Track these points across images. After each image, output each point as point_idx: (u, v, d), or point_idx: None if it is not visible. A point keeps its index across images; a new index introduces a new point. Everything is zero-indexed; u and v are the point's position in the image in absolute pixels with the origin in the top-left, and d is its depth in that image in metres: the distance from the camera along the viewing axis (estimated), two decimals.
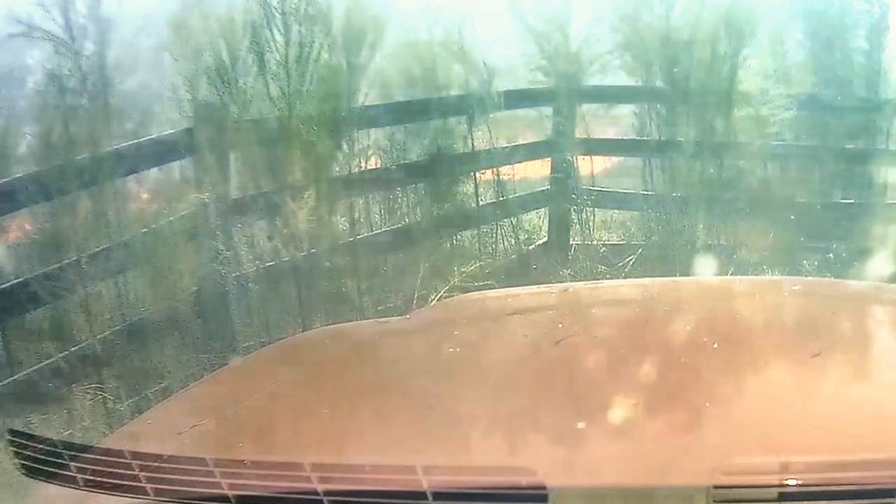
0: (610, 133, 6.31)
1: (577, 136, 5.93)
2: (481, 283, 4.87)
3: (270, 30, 4.73)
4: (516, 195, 5.93)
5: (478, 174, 5.71)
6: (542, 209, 6.14)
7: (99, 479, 1.40)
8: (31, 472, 1.47)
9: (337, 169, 5.00)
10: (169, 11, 4.70)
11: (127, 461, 1.39)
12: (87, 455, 1.48)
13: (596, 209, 6.03)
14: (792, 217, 5.75)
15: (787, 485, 1.22)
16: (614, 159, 6.64)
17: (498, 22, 5.84)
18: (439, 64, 5.45)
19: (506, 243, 5.85)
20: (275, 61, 4.74)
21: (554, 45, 5.79)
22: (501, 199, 5.79)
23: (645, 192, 5.92)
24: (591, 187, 5.98)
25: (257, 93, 4.74)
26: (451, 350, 1.92)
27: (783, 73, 5.90)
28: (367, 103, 5.13)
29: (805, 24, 5.89)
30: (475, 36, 5.60)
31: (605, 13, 5.83)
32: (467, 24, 5.56)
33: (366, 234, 5.27)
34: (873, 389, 1.54)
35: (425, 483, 1.25)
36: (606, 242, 5.95)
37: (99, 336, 4.22)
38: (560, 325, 2.07)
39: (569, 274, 5.31)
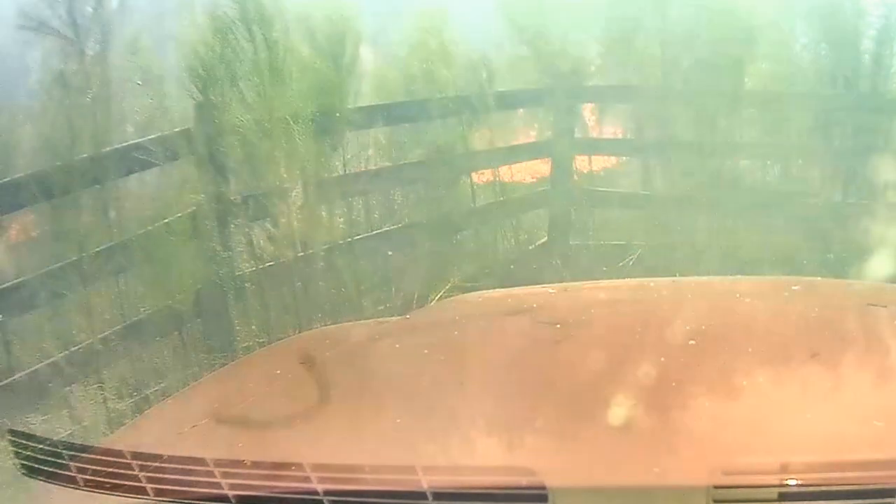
0: (609, 133, 6.32)
1: (577, 136, 5.94)
2: (481, 283, 4.86)
3: (273, 31, 4.73)
4: (516, 195, 5.93)
5: (477, 174, 5.71)
6: (542, 209, 6.14)
7: (99, 479, 1.40)
8: (31, 472, 1.47)
9: (336, 169, 5.00)
10: (160, 11, 4.70)
11: (127, 461, 1.40)
12: (87, 455, 1.48)
13: (596, 209, 6.04)
14: (793, 217, 5.75)
15: (787, 485, 1.22)
16: (614, 159, 6.65)
17: (497, 22, 5.85)
18: (439, 64, 5.45)
19: (506, 243, 5.85)
20: (277, 61, 4.74)
21: (554, 45, 5.80)
22: (501, 199, 5.80)
23: (644, 193, 5.92)
24: (590, 187, 5.98)
25: (258, 93, 4.74)
26: (450, 350, 1.92)
27: (784, 73, 5.91)
28: (367, 104, 5.13)
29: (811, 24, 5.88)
30: (475, 36, 5.61)
31: (604, 13, 5.84)
32: (467, 25, 5.57)
33: (365, 235, 5.27)
34: (873, 390, 1.54)
35: (425, 483, 1.25)
36: (606, 242, 5.95)
37: (100, 336, 4.22)
38: (560, 325, 2.07)
39: (568, 274, 5.30)
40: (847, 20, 5.67)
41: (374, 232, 5.36)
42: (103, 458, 1.46)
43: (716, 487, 1.21)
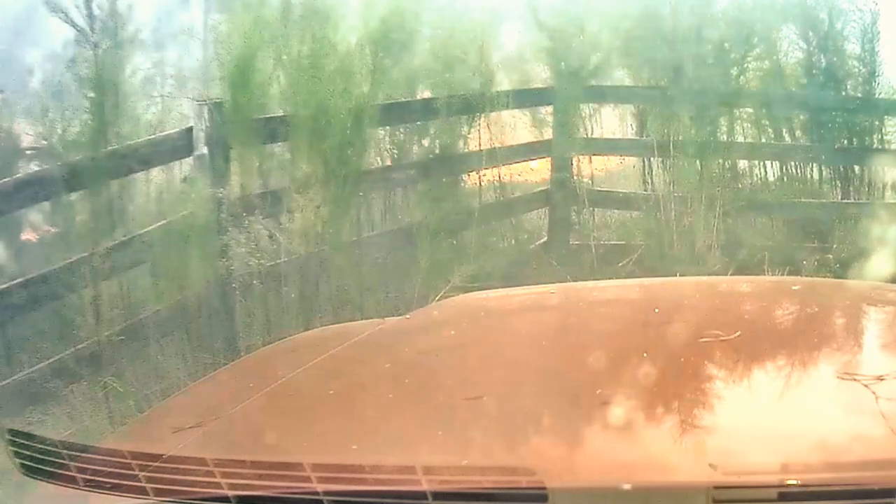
0: (609, 133, 6.32)
1: (577, 136, 5.94)
2: (481, 283, 4.86)
3: (279, 29, 4.75)
4: (516, 195, 5.93)
5: (478, 174, 5.71)
6: (543, 209, 6.14)
7: (99, 479, 1.40)
8: (31, 472, 1.47)
9: (336, 169, 4.99)
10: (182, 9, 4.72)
11: (127, 461, 1.40)
12: (87, 455, 1.48)
13: (596, 209, 6.04)
14: (792, 217, 5.76)
15: (787, 485, 1.22)
16: (614, 159, 6.65)
17: (498, 22, 5.85)
18: (439, 63, 5.45)
19: (506, 243, 5.84)
20: (281, 60, 4.75)
21: (555, 45, 5.80)
22: (502, 198, 5.79)
23: (645, 192, 5.92)
24: (591, 187, 5.98)
25: (263, 92, 4.75)
26: (450, 350, 1.92)
27: (781, 74, 5.92)
28: (367, 103, 5.12)
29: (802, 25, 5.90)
30: (476, 36, 5.60)
31: (604, 13, 5.84)
32: (468, 24, 5.57)
33: (366, 234, 5.27)
34: (873, 389, 1.54)
35: (425, 483, 1.25)
36: (606, 242, 5.95)
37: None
38: (560, 325, 2.07)
39: (568, 274, 5.30)
40: None
41: (376, 231, 5.37)
42: (103, 458, 1.46)
43: (716, 487, 1.21)
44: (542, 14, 5.78)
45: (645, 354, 1.72)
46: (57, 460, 1.45)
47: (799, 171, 6.02)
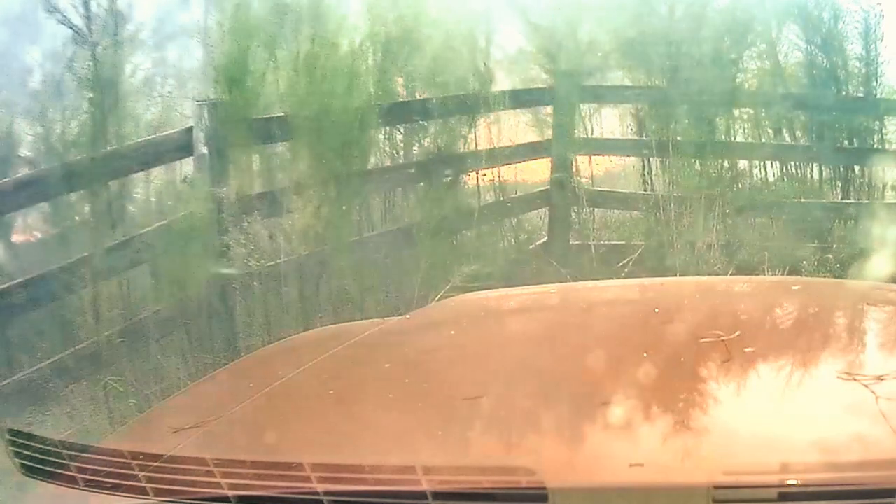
0: (608, 133, 6.32)
1: (577, 136, 5.94)
2: (481, 283, 4.86)
3: (279, 29, 4.75)
4: (516, 195, 5.93)
5: (478, 174, 5.71)
6: (543, 209, 6.14)
7: (99, 479, 1.40)
8: (31, 472, 1.47)
9: (336, 169, 5.00)
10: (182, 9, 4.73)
11: (127, 461, 1.39)
12: (87, 455, 1.48)
13: (596, 209, 6.04)
14: (792, 217, 5.76)
15: (787, 485, 1.22)
16: (614, 159, 6.65)
17: (498, 22, 5.86)
18: (438, 64, 5.45)
19: (506, 243, 5.84)
20: (282, 60, 4.76)
21: (555, 45, 5.81)
22: (501, 199, 5.79)
23: (644, 192, 5.92)
24: (591, 187, 5.98)
25: (263, 92, 4.75)
26: (450, 350, 1.92)
27: (780, 74, 5.92)
28: (368, 103, 5.12)
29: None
30: (475, 36, 5.61)
31: (605, 13, 5.85)
32: (467, 24, 5.58)
33: (366, 234, 5.27)
34: (873, 389, 1.54)
35: (425, 483, 1.25)
36: (606, 242, 5.94)
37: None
38: (560, 325, 2.07)
39: (569, 274, 5.30)
40: None
41: (376, 232, 5.37)
42: (103, 458, 1.46)
43: (716, 487, 1.21)
44: (543, 14, 5.79)
45: (645, 354, 1.72)
46: (57, 460, 1.45)
47: (799, 171, 6.02)
